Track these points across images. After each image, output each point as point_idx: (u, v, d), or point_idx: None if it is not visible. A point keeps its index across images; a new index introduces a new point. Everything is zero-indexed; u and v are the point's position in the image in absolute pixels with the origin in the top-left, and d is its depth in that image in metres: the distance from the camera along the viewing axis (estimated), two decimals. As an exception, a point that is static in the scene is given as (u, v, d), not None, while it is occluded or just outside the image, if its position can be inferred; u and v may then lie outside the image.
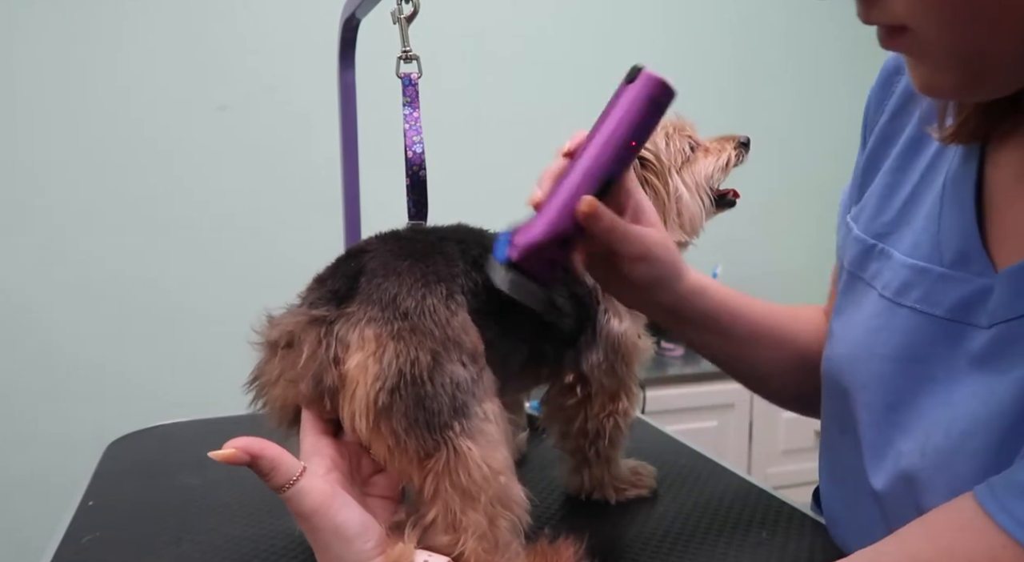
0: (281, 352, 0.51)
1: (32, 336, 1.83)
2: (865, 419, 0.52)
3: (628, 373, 0.72)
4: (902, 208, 0.53)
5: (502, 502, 0.48)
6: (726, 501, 0.74)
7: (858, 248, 0.55)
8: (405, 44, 0.74)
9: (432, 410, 0.46)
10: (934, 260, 0.47)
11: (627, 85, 0.50)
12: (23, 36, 1.78)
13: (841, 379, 0.55)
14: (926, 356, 0.47)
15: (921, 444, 0.46)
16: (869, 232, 0.55)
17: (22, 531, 1.77)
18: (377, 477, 0.51)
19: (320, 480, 0.46)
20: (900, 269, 0.50)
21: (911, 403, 0.47)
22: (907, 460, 0.47)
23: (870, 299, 0.53)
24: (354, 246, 0.56)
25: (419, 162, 0.70)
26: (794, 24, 2.47)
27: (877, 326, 0.51)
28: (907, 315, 0.48)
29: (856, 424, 0.53)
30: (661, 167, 0.72)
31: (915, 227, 0.50)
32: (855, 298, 0.55)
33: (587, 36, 2.24)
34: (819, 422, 0.63)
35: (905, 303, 0.49)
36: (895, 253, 0.51)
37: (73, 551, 0.65)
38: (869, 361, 0.51)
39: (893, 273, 0.50)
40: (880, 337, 0.50)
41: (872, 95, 0.60)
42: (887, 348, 0.50)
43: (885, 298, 0.51)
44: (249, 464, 0.43)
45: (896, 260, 0.51)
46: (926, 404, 0.46)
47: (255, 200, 1.97)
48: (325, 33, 1.22)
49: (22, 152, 1.80)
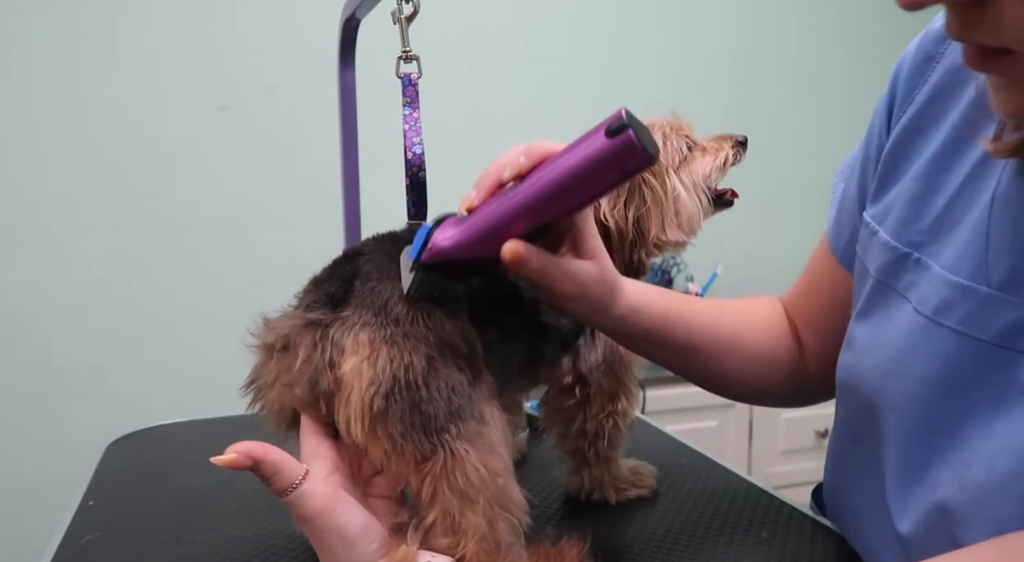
0: (277, 355, 0.51)
1: (32, 336, 1.82)
2: (894, 440, 0.49)
3: (627, 374, 0.72)
4: (940, 216, 0.49)
5: (501, 504, 0.48)
6: (726, 501, 0.74)
7: (889, 256, 0.51)
8: (405, 44, 0.74)
9: (428, 414, 0.46)
10: (979, 279, 0.44)
11: (604, 136, 0.43)
12: (22, 35, 1.78)
13: (866, 393, 0.52)
14: (968, 382, 0.44)
15: (960, 475, 0.44)
16: (901, 239, 0.51)
17: (22, 531, 1.77)
18: (378, 478, 0.51)
19: (322, 483, 0.46)
20: (940, 285, 0.46)
21: (950, 431, 0.45)
22: (944, 491, 0.45)
23: (903, 313, 0.49)
24: (351, 248, 0.56)
25: (419, 163, 0.70)
26: (793, 23, 2.47)
27: (911, 343, 0.48)
28: (947, 336, 0.45)
29: (879, 441, 0.51)
30: (658, 166, 0.72)
31: (957, 241, 0.47)
32: (885, 308, 0.52)
33: (587, 36, 2.24)
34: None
35: (945, 323, 0.45)
36: (933, 265, 0.47)
37: (73, 551, 0.65)
38: (902, 380, 0.48)
39: (931, 288, 0.47)
40: (915, 356, 0.47)
41: (902, 79, 0.55)
42: (924, 369, 0.47)
43: (922, 315, 0.47)
44: (252, 469, 0.43)
45: (935, 274, 0.47)
46: (967, 433, 0.44)
47: (255, 200, 1.97)
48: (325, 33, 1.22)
49: (20, 153, 1.80)
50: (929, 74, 0.53)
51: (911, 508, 0.48)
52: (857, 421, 0.55)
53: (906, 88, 0.55)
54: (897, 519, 0.49)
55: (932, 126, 0.52)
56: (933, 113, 0.52)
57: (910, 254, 0.50)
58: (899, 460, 0.49)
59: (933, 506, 0.45)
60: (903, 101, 0.55)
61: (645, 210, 0.71)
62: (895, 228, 0.52)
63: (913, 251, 0.50)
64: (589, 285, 0.51)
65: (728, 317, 0.66)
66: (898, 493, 0.49)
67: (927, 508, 0.46)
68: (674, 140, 0.74)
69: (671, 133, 0.75)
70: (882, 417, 0.50)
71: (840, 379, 0.57)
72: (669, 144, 0.74)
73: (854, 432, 0.56)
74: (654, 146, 0.44)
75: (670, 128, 0.75)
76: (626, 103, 0.47)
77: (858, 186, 0.61)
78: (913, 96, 0.54)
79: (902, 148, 0.54)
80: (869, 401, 0.52)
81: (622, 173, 0.44)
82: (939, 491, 0.45)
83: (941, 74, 0.52)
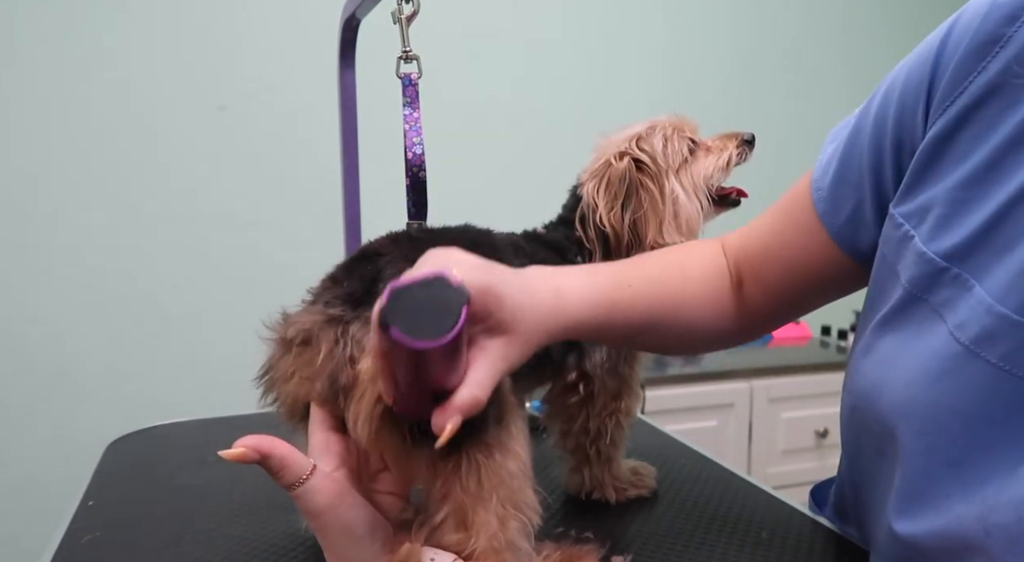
0: (296, 349, 0.51)
1: (32, 336, 1.82)
2: (916, 466, 0.47)
3: (631, 373, 0.72)
4: (988, 230, 0.44)
5: (513, 504, 0.48)
6: (726, 501, 0.74)
7: (925, 268, 0.47)
8: (405, 44, 0.74)
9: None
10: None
11: (379, 326, 0.38)
12: (22, 34, 1.78)
13: (887, 411, 0.49)
14: (1005, 421, 0.42)
15: (983, 515, 0.42)
16: (939, 249, 0.46)
17: (22, 531, 1.78)
18: (384, 474, 0.51)
19: (330, 479, 0.46)
20: (983, 313, 0.42)
21: (979, 467, 0.43)
22: (965, 523, 0.43)
23: (937, 334, 0.45)
24: (368, 247, 0.57)
25: (419, 163, 0.70)
26: (797, 22, 2.47)
27: (943, 370, 0.44)
28: (986, 370, 0.42)
29: (897, 461, 0.49)
30: (657, 169, 0.72)
31: (1008, 267, 0.42)
32: (916, 324, 0.48)
33: (588, 36, 2.24)
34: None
35: (986, 356, 0.42)
36: (976, 287, 0.43)
37: (73, 551, 0.65)
38: (931, 410, 0.45)
39: (971, 314, 0.43)
40: (947, 385, 0.44)
41: (955, 59, 0.47)
42: (955, 400, 0.44)
43: (959, 342, 0.43)
44: (259, 462, 0.43)
45: (977, 298, 0.43)
46: (996, 472, 0.42)
47: (255, 200, 1.97)
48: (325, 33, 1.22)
49: (20, 153, 1.80)
50: (990, 59, 0.45)
51: (921, 530, 0.47)
52: (875, 435, 0.53)
53: (958, 71, 0.47)
54: (897, 523, 0.49)
55: (989, 122, 0.45)
56: (992, 108, 0.45)
57: (948, 269, 0.45)
58: (921, 486, 0.47)
59: (953, 534, 0.44)
60: (952, 85, 0.47)
61: (642, 214, 0.71)
62: (932, 234, 0.47)
63: (952, 266, 0.45)
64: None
65: (668, 292, 0.62)
66: (904, 515, 0.48)
67: (941, 529, 0.45)
68: (675, 141, 0.74)
69: (673, 134, 0.74)
70: (904, 443, 0.48)
71: (860, 386, 0.54)
72: (670, 146, 0.74)
73: (878, 448, 0.54)
74: (451, 316, 0.38)
75: (672, 129, 0.75)
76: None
77: (871, 166, 0.54)
78: (966, 82, 0.46)
79: (948, 143, 0.47)
80: (892, 421, 0.49)
81: (413, 366, 0.39)
82: (961, 523, 0.43)
83: (1006, 62, 0.44)
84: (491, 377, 0.45)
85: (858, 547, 0.63)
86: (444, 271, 0.39)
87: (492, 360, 0.45)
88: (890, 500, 0.50)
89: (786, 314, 0.65)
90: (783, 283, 0.62)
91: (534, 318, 0.49)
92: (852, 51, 2.51)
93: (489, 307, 0.45)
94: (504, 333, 0.47)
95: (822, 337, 2.38)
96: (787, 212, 0.62)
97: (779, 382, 2.01)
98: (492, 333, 0.46)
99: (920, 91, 0.50)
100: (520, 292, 0.48)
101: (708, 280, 0.65)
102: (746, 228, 0.67)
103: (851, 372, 0.56)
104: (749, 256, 0.64)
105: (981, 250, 0.44)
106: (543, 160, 2.14)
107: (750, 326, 0.66)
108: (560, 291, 0.53)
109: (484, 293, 0.44)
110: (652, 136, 0.73)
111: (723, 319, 0.65)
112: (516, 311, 0.47)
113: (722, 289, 0.65)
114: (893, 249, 0.51)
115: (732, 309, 0.65)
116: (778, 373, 2.02)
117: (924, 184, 0.49)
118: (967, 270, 0.44)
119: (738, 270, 0.65)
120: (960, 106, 0.46)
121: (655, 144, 0.73)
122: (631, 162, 0.71)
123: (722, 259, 0.67)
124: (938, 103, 0.48)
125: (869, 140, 0.54)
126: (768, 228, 0.64)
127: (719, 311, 0.65)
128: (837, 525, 0.68)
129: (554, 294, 0.52)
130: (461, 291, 0.39)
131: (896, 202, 0.51)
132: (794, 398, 2.03)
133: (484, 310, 0.45)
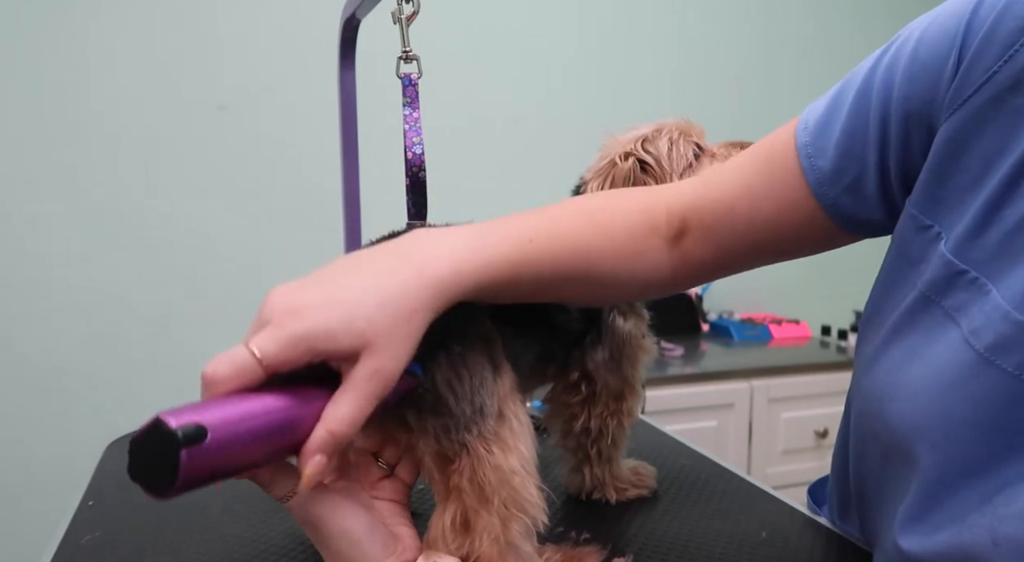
0: None
1: (32, 336, 1.82)
2: (929, 476, 0.45)
3: (633, 372, 0.72)
4: (1009, 236, 0.42)
5: (516, 504, 0.48)
6: (726, 501, 0.74)
7: (942, 271, 0.45)
8: (405, 44, 0.74)
9: (454, 414, 0.47)
10: None
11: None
12: (19, 33, 1.78)
13: (894, 423, 0.48)
14: (1021, 431, 0.41)
15: (993, 527, 0.41)
16: (960, 253, 0.44)
17: (22, 531, 1.78)
18: (384, 482, 0.51)
19: (323, 487, 0.45)
20: (999, 320, 0.41)
21: (994, 478, 0.42)
22: (974, 534, 0.42)
23: (950, 340, 0.44)
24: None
25: (419, 163, 0.70)
26: (807, 28, 2.47)
27: (957, 378, 0.43)
28: (1001, 379, 0.41)
29: (909, 471, 0.48)
30: (661, 172, 0.72)
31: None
32: (929, 329, 0.46)
33: (588, 36, 2.24)
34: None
35: (1001, 364, 0.41)
36: (993, 292, 0.42)
37: (73, 551, 0.65)
38: (944, 421, 0.44)
39: (987, 320, 0.42)
40: (960, 394, 0.43)
41: (995, 39, 0.43)
42: (969, 410, 0.42)
43: (973, 349, 0.42)
44: (249, 477, 0.42)
45: (994, 304, 0.41)
46: (1012, 482, 0.41)
47: (254, 200, 1.97)
48: (325, 33, 1.22)
49: (18, 153, 1.80)
50: (1018, 48, 0.42)
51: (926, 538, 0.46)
52: (884, 444, 0.52)
53: (984, 57, 0.43)
54: (902, 539, 0.47)
55: (1009, 115, 0.43)
56: (1012, 103, 0.42)
57: (966, 272, 0.43)
58: (935, 493, 0.45)
59: (959, 546, 0.43)
60: (983, 68, 0.44)
61: None
62: (955, 235, 0.45)
63: (971, 269, 0.43)
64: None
65: (580, 245, 0.56)
66: (910, 526, 0.47)
67: (947, 544, 0.44)
68: (681, 145, 0.74)
69: (679, 138, 0.74)
70: (916, 451, 0.46)
71: (867, 391, 0.52)
72: (675, 150, 0.73)
73: (885, 455, 0.53)
74: (167, 467, 0.35)
75: (678, 133, 0.74)
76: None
77: (878, 146, 0.50)
78: (997, 67, 0.43)
79: (971, 137, 0.44)
80: (901, 431, 0.47)
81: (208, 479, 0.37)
82: (971, 534, 0.42)
83: None
84: (355, 404, 0.41)
85: (858, 547, 0.63)
86: (161, 415, 0.35)
87: (356, 385, 0.41)
88: (898, 514, 0.49)
89: (728, 270, 0.61)
90: (738, 238, 0.57)
91: (392, 315, 0.43)
92: (866, 54, 2.50)
93: (317, 349, 0.40)
94: (361, 351, 0.41)
95: (822, 337, 2.38)
96: (763, 168, 0.56)
97: (779, 382, 2.01)
98: (349, 360, 0.41)
99: (940, 71, 0.46)
100: (363, 301, 0.43)
101: (632, 233, 0.58)
102: (698, 180, 0.61)
103: (858, 375, 0.54)
104: (700, 209, 0.58)
105: (1004, 255, 0.42)
106: (543, 160, 2.14)
107: (686, 278, 0.61)
108: (427, 265, 0.46)
109: (294, 348, 0.40)
110: (658, 139, 0.73)
111: (653, 272, 0.59)
112: (367, 325, 0.41)
113: (649, 243, 0.59)
114: (914, 246, 0.48)
115: (665, 262, 0.59)
116: (778, 373, 2.02)
117: (945, 179, 0.46)
118: (985, 274, 0.42)
119: (683, 223, 0.59)
120: (990, 94, 0.43)
121: (660, 147, 0.73)
122: (636, 163, 0.71)
123: (655, 210, 0.60)
124: (964, 85, 0.44)
125: (878, 115, 0.50)
126: (736, 180, 0.57)
127: (649, 265, 0.59)
128: (837, 523, 0.68)
129: (417, 274, 0.45)
130: (174, 438, 0.35)
131: (916, 201, 0.48)
132: (794, 398, 2.03)
133: (312, 353, 0.40)
